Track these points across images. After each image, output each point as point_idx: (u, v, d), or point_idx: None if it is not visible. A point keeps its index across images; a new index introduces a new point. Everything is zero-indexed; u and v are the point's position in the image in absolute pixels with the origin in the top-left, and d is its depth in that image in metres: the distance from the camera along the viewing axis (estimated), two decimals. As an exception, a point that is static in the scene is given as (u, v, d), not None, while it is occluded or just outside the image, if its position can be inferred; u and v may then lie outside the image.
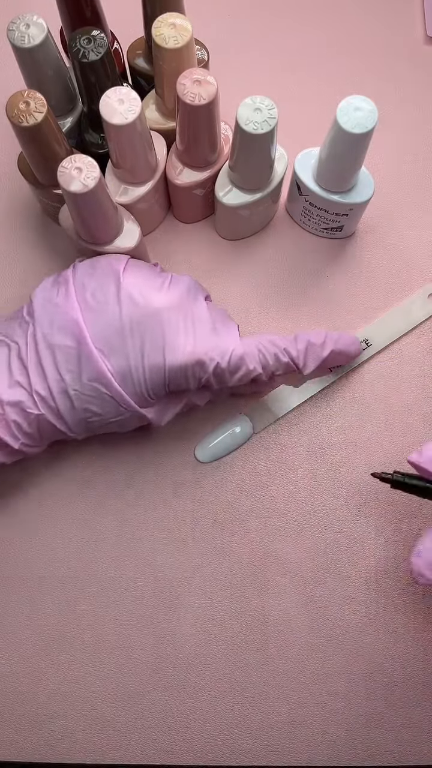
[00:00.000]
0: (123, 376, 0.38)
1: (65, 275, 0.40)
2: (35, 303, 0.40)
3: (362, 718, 0.41)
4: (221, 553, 0.44)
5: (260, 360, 0.41)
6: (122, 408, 0.39)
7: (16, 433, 0.39)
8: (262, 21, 0.54)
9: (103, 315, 0.38)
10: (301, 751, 0.41)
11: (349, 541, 0.44)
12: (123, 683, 0.42)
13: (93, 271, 0.40)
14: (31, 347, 0.39)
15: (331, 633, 0.43)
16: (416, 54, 0.54)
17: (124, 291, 0.39)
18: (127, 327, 0.38)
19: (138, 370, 0.38)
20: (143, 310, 0.38)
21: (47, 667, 0.43)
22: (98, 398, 0.38)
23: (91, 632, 0.43)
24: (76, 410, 0.39)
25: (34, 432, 0.39)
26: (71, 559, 0.44)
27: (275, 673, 0.42)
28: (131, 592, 0.43)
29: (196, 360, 0.38)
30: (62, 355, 0.38)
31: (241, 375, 0.40)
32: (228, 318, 0.42)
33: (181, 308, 0.39)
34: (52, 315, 0.39)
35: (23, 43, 0.39)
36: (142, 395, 0.39)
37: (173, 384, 0.39)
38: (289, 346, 0.41)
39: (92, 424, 0.40)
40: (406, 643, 0.42)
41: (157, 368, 0.38)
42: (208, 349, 0.39)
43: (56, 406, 0.38)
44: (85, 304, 0.39)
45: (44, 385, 0.38)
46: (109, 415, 0.39)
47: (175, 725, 0.42)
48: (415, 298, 0.48)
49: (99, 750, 0.42)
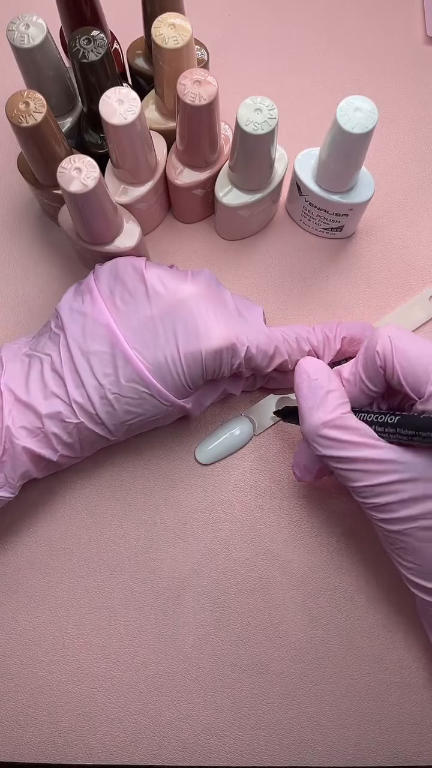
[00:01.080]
0: (160, 369, 0.38)
1: (88, 284, 0.40)
2: (63, 315, 0.40)
3: (362, 718, 0.42)
4: (221, 554, 0.44)
5: (285, 348, 0.41)
6: (163, 404, 0.39)
7: (56, 446, 0.39)
8: (262, 21, 0.54)
9: (134, 314, 0.39)
10: (301, 751, 0.41)
11: (349, 541, 0.44)
12: (123, 683, 0.42)
13: (116, 275, 0.40)
14: (66, 357, 0.39)
15: (330, 633, 0.43)
16: (416, 54, 0.53)
17: (150, 285, 0.39)
18: (158, 319, 0.38)
19: (175, 360, 0.38)
20: (172, 300, 0.38)
21: (47, 667, 0.43)
22: (138, 398, 0.38)
23: (90, 633, 0.43)
24: (117, 413, 0.39)
25: (74, 441, 0.39)
26: (70, 560, 0.44)
27: (275, 674, 0.42)
28: (131, 592, 0.43)
29: (230, 344, 0.39)
30: (98, 361, 0.38)
31: (269, 361, 0.41)
32: (251, 304, 0.42)
33: (208, 296, 0.40)
34: (82, 324, 0.39)
35: (23, 44, 0.39)
36: (180, 386, 0.39)
37: (209, 371, 0.39)
38: (310, 335, 0.42)
39: (134, 425, 0.40)
40: (406, 642, 0.42)
41: (194, 356, 0.38)
42: (238, 333, 0.39)
43: (95, 412, 0.38)
44: (115, 309, 0.39)
45: (82, 392, 0.38)
46: (149, 413, 0.39)
47: (175, 725, 0.42)
48: (416, 301, 0.48)
49: (99, 750, 0.42)
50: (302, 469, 0.40)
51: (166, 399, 0.39)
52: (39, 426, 0.38)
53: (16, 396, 0.38)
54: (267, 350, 0.40)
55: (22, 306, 0.48)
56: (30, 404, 0.38)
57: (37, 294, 0.48)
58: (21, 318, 0.48)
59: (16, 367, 0.40)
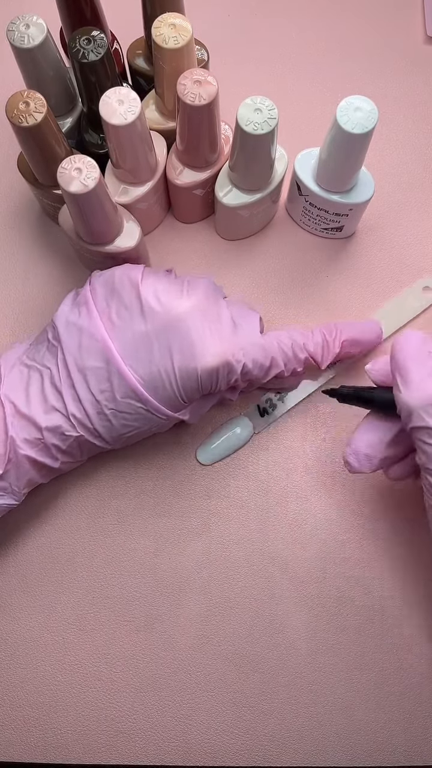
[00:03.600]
0: (155, 385, 0.38)
1: (84, 295, 0.40)
2: (59, 327, 0.40)
3: (362, 718, 0.41)
4: (222, 554, 0.44)
5: (281, 357, 0.41)
6: (159, 417, 0.39)
7: (56, 455, 0.39)
8: (262, 21, 0.54)
9: (128, 330, 0.38)
10: (301, 751, 0.41)
11: (349, 541, 0.44)
12: (123, 683, 0.42)
13: (113, 288, 0.40)
14: (63, 372, 0.39)
15: (330, 633, 0.43)
16: (416, 54, 0.53)
17: (145, 301, 0.39)
18: (153, 336, 0.38)
19: (170, 376, 0.38)
20: (167, 317, 0.38)
21: (46, 667, 0.43)
22: (134, 413, 0.39)
23: (90, 633, 0.43)
24: (114, 427, 0.39)
25: (74, 450, 0.40)
26: (71, 560, 0.44)
27: (275, 674, 0.42)
28: (131, 592, 0.43)
29: (225, 362, 0.38)
30: (93, 377, 0.38)
31: (265, 373, 0.41)
32: (248, 311, 0.42)
33: (203, 312, 0.39)
34: (78, 338, 0.39)
35: (23, 44, 0.39)
36: (176, 400, 0.39)
37: (205, 387, 0.39)
38: (307, 341, 0.42)
39: (132, 437, 0.40)
40: (406, 642, 0.42)
41: (190, 374, 0.38)
42: (235, 350, 0.39)
43: (93, 427, 0.39)
44: (110, 323, 0.39)
45: (80, 407, 0.38)
46: (146, 426, 0.40)
47: (175, 725, 0.42)
48: (409, 292, 0.48)
49: (99, 750, 0.42)
50: (362, 458, 0.38)
51: (162, 413, 0.39)
52: (39, 437, 0.38)
53: (17, 408, 0.39)
54: (263, 363, 0.40)
55: (22, 305, 0.48)
56: (31, 417, 0.38)
57: (37, 293, 0.48)
58: (21, 317, 0.48)
59: (15, 378, 0.40)
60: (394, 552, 0.43)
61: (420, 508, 0.45)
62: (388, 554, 0.43)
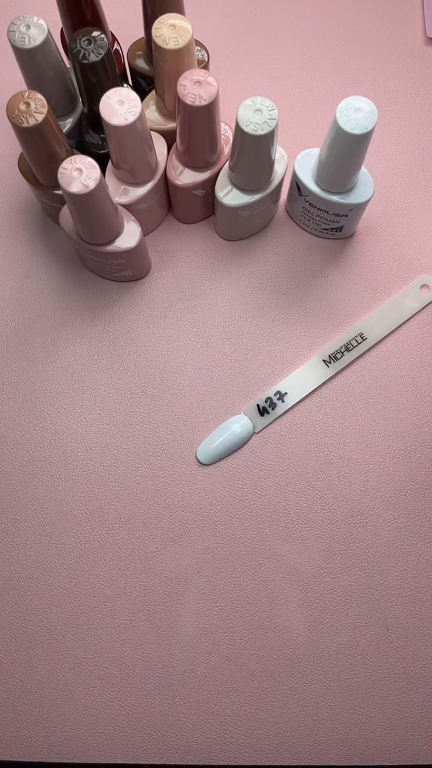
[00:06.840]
0: None
1: None
2: None
3: (362, 718, 0.42)
4: (222, 554, 0.44)
5: None
6: None
7: None
8: (262, 21, 0.55)
9: None
10: (301, 751, 0.41)
11: (350, 540, 0.44)
12: (123, 683, 0.42)
13: None
14: None
15: (330, 632, 0.43)
16: (416, 54, 0.54)
17: None
18: None
19: None
20: None
21: (47, 667, 0.43)
22: None
23: (90, 633, 0.43)
24: None
25: None
26: (71, 560, 0.44)
27: (275, 673, 0.42)
28: (131, 592, 0.43)
29: None
30: None
31: None
32: None
33: None
34: None
35: (24, 44, 0.39)
36: None
37: None
38: None
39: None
40: (406, 641, 0.42)
41: None
42: None
43: None
44: None
45: None
46: None
47: (175, 725, 0.42)
48: (408, 291, 0.48)
49: (99, 750, 0.42)
50: None
51: None
52: None
53: None
54: None
55: (22, 305, 0.48)
56: None
57: (38, 293, 0.49)
58: (21, 317, 0.48)
59: None
60: (394, 551, 0.44)
61: (421, 503, 0.45)
62: (388, 553, 0.44)
